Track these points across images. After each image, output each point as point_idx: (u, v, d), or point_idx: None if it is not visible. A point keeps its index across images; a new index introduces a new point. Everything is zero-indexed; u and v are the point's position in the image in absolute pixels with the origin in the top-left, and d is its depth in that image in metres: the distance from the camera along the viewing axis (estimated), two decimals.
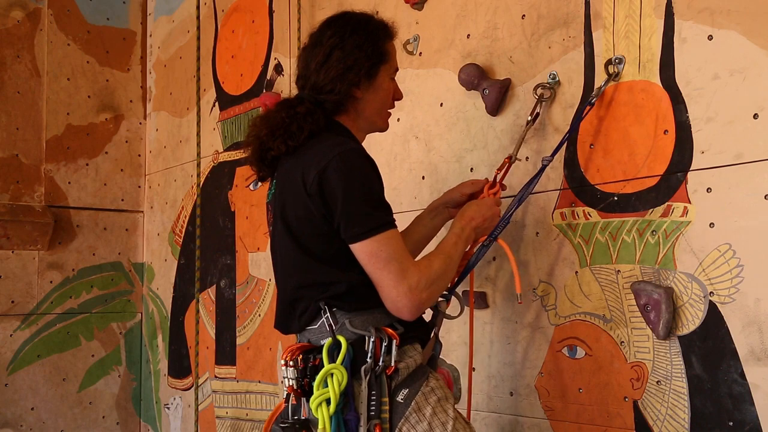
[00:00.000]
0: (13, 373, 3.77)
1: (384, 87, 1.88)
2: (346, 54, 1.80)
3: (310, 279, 1.73)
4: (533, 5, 2.21)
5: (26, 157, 3.87)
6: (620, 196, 1.96)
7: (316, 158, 1.71)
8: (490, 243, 1.98)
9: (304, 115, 1.78)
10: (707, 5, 1.81)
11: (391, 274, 1.65)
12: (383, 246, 1.66)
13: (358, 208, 1.67)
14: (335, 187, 1.67)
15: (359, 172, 1.70)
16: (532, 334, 2.16)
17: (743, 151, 1.73)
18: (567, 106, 2.11)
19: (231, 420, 3.41)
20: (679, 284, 1.83)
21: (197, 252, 3.36)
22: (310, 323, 1.76)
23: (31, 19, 3.93)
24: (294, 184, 1.74)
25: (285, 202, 1.78)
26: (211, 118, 3.64)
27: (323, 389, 1.63)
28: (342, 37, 1.82)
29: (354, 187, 1.67)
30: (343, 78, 1.79)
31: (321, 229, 1.71)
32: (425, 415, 1.68)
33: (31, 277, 3.84)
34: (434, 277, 1.72)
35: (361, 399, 1.65)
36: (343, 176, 1.67)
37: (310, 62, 1.84)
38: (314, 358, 1.68)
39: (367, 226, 1.66)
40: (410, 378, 1.71)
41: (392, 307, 1.68)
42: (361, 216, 1.66)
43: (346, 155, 1.69)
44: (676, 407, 1.83)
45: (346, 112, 1.86)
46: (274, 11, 3.30)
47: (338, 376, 1.63)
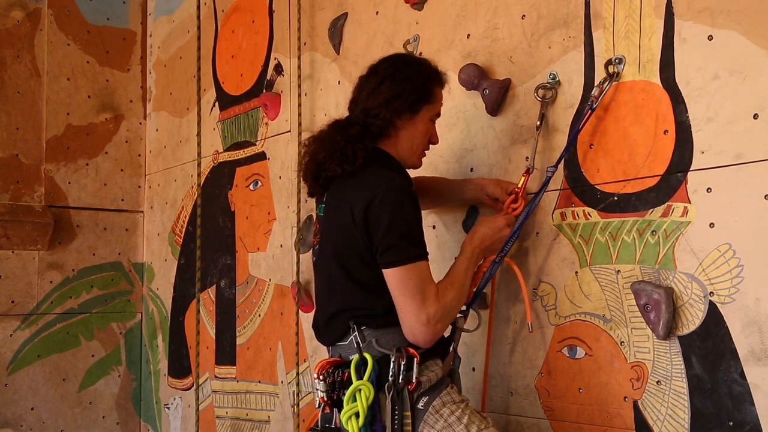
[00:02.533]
0: (13, 373, 3.77)
1: (423, 125, 2.02)
2: (395, 84, 1.96)
3: (349, 300, 1.90)
4: (533, 5, 2.21)
5: (26, 157, 3.87)
6: (620, 196, 1.96)
7: (365, 191, 1.85)
8: (501, 259, 2.07)
9: (356, 137, 1.93)
10: (707, 5, 1.81)
11: (414, 302, 1.80)
12: (412, 275, 1.81)
13: (396, 239, 1.81)
14: (379, 220, 1.81)
15: (401, 209, 1.84)
16: (532, 334, 2.16)
17: (743, 151, 1.73)
18: (567, 107, 2.11)
19: (231, 420, 3.41)
20: (679, 284, 1.83)
21: (197, 252, 3.36)
22: (341, 339, 1.92)
23: (31, 19, 3.93)
24: (343, 212, 1.88)
25: (333, 228, 1.94)
26: (211, 118, 3.64)
27: (352, 404, 1.79)
28: (395, 69, 1.99)
29: (395, 222, 1.81)
30: (388, 104, 1.95)
31: (362, 255, 1.86)
32: (442, 415, 1.83)
33: (31, 277, 3.84)
34: (449, 308, 1.88)
35: (386, 412, 1.81)
36: (387, 211, 1.82)
37: (363, 88, 2.01)
38: (343, 373, 1.85)
39: (400, 256, 1.81)
40: (431, 388, 1.87)
41: (409, 333, 1.83)
42: (398, 247, 1.82)
43: (392, 192, 1.84)
44: (676, 407, 1.83)
45: (388, 138, 1.99)
46: (274, 11, 3.30)
47: (366, 391, 1.79)
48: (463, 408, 1.86)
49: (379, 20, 2.75)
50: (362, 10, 2.83)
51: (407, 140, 2.01)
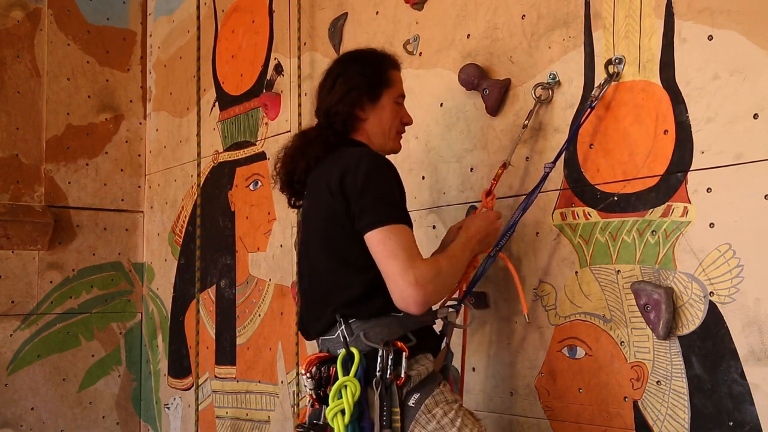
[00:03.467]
0: (13, 373, 3.77)
1: (388, 109, 2.00)
2: (347, 79, 1.97)
3: (333, 282, 1.83)
4: (533, 5, 2.21)
5: (26, 157, 3.87)
6: (620, 196, 1.96)
7: (339, 163, 1.83)
8: (495, 254, 2.04)
9: (315, 137, 1.97)
10: (707, 5, 1.81)
11: (398, 262, 1.71)
12: (393, 236, 1.73)
13: (374, 201, 1.76)
14: (355, 182, 1.77)
15: (379, 172, 1.80)
16: (532, 334, 2.16)
17: (743, 151, 1.73)
18: (567, 107, 2.11)
19: (231, 420, 3.41)
20: (679, 284, 1.83)
21: (197, 252, 3.36)
22: (328, 332, 1.86)
23: (31, 19, 3.93)
24: (319, 189, 1.86)
25: (313, 208, 1.91)
26: (211, 118, 3.64)
27: (338, 400, 1.73)
28: (345, 66, 2.01)
29: (372, 184, 1.77)
30: (345, 98, 1.95)
31: (343, 224, 1.80)
32: (435, 415, 1.75)
33: (31, 277, 3.84)
34: (441, 272, 1.77)
35: (374, 408, 1.74)
36: (362, 173, 1.77)
37: (321, 91, 2.02)
38: (329, 369, 1.79)
39: (379, 216, 1.75)
40: (422, 384, 1.79)
41: (398, 297, 1.73)
42: (376, 208, 1.76)
43: (369, 158, 1.82)
44: (676, 407, 1.83)
45: (356, 132, 1.99)
46: (274, 11, 3.30)
47: (351, 388, 1.72)
48: (456, 409, 1.78)
49: (379, 20, 2.75)
50: (362, 10, 2.83)
51: (376, 127, 2.00)
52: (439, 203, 2.46)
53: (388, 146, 2.03)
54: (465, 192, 2.38)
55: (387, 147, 2.03)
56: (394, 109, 2.02)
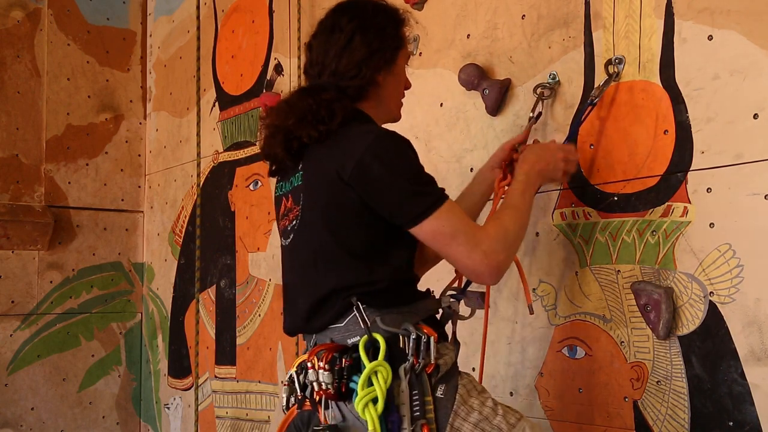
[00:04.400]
0: (13, 373, 3.77)
1: (402, 73, 1.85)
2: (370, 38, 1.74)
3: (343, 277, 1.65)
4: (533, 5, 2.21)
5: (26, 157, 3.87)
6: (620, 196, 1.96)
7: (350, 147, 1.64)
8: None
9: (331, 100, 1.70)
10: (707, 5, 1.81)
11: (461, 246, 1.60)
12: (445, 221, 1.60)
13: (408, 190, 1.61)
14: (380, 175, 1.60)
15: (399, 154, 1.64)
16: (532, 334, 2.16)
17: (743, 151, 1.73)
18: (567, 106, 2.11)
19: (231, 420, 3.41)
20: (679, 284, 1.83)
21: (197, 252, 3.36)
22: (335, 321, 1.66)
23: (31, 19, 3.93)
24: (326, 176, 1.65)
25: (318, 195, 1.69)
26: (211, 118, 3.64)
27: (368, 388, 1.54)
28: (363, 21, 1.76)
29: (399, 172, 1.61)
30: (368, 62, 1.74)
31: (359, 217, 1.64)
32: (473, 406, 1.63)
33: (31, 277, 3.84)
34: (508, 235, 1.65)
35: (402, 400, 1.57)
36: (384, 162, 1.60)
37: (329, 49, 1.75)
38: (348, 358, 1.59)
39: (423, 206, 1.60)
40: (447, 374, 1.65)
41: (472, 276, 1.66)
42: (414, 197, 1.61)
43: (382, 139, 1.64)
44: (676, 407, 1.83)
45: (367, 99, 1.78)
46: (274, 11, 3.30)
47: (383, 373, 1.55)
48: (491, 398, 1.67)
49: None
50: None
51: (390, 93, 1.83)
52: None
53: (393, 113, 1.87)
54: None
55: (392, 114, 1.87)
56: (404, 73, 1.86)
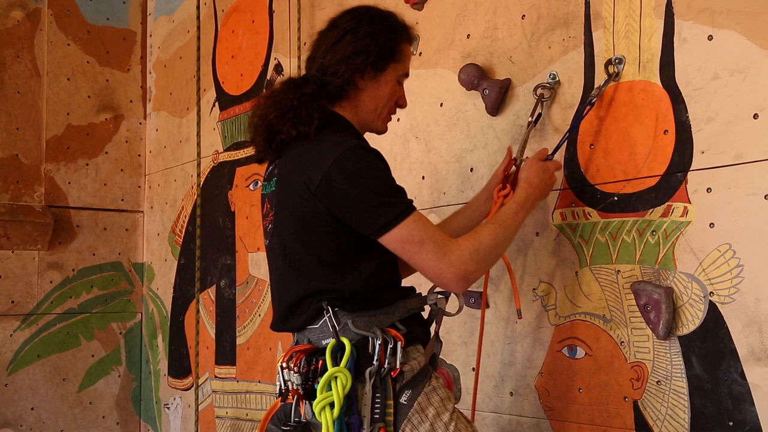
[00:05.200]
0: (13, 373, 3.77)
1: (388, 85, 1.84)
2: (357, 39, 1.78)
3: (316, 284, 1.69)
4: (533, 5, 2.21)
5: (26, 157, 3.87)
6: (620, 196, 1.96)
7: (317, 159, 1.66)
8: None
9: (310, 97, 1.75)
10: (707, 5, 1.81)
11: (429, 254, 1.61)
12: (413, 230, 1.62)
13: (374, 201, 1.63)
14: (345, 188, 1.63)
15: (365, 167, 1.66)
16: (532, 334, 2.16)
17: (743, 151, 1.73)
18: (567, 106, 2.11)
19: (231, 420, 3.41)
20: (679, 284, 1.83)
21: (197, 252, 3.36)
22: (311, 323, 1.72)
23: (31, 19, 3.93)
24: (295, 186, 1.70)
25: (289, 202, 1.73)
26: (211, 118, 3.64)
27: (327, 393, 1.60)
28: (358, 23, 1.80)
29: (364, 185, 1.64)
30: (348, 61, 1.77)
31: (329, 227, 1.67)
32: (428, 416, 1.65)
33: (31, 277, 3.84)
34: (481, 247, 1.66)
35: (365, 402, 1.62)
36: (350, 176, 1.63)
37: (321, 44, 1.83)
38: (316, 361, 1.65)
39: (390, 216, 1.62)
40: (414, 380, 1.68)
41: (439, 282, 1.66)
42: (381, 208, 1.62)
43: (349, 154, 1.65)
44: (676, 407, 1.83)
45: (347, 100, 1.82)
46: (274, 11, 3.30)
47: (342, 379, 1.60)
48: (451, 411, 1.69)
49: None
50: None
51: (371, 102, 1.82)
52: (439, 203, 2.46)
53: (375, 125, 1.87)
54: (465, 192, 2.38)
55: (373, 126, 1.87)
56: (394, 88, 1.85)
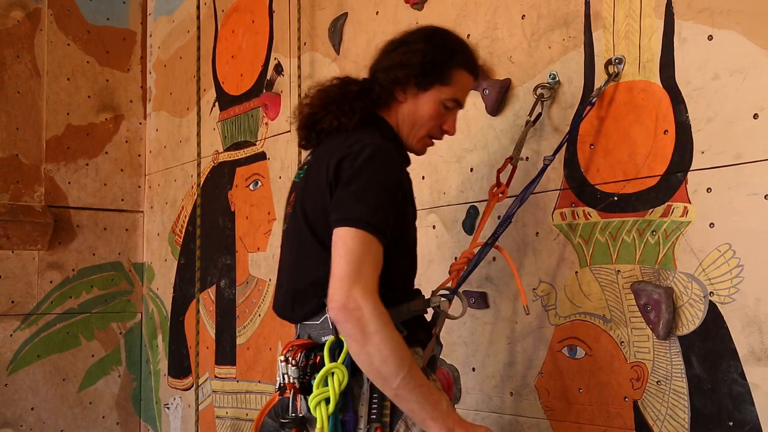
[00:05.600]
0: (13, 373, 3.77)
1: (429, 106, 1.79)
2: (406, 52, 1.77)
3: (320, 272, 1.64)
4: (533, 5, 2.21)
5: (26, 157, 3.87)
6: (620, 196, 1.96)
7: (342, 147, 1.65)
8: (491, 245, 1.96)
9: (355, 94, 1.77)
10: (707, 5, 1.81)
11: (347, 265, 1.51)
12: (356, 242, 1.53)
13: (357, 195, 1.57)
14: (345, 173, 1.60)
15: (373, 165, 1.60)
16: (532, 334, 2.16)
17: (743, 151, 1.73)
18: (567, 106, 2.11)
19: (231, 420, 3.41)
20: (679, 284, 1.83)
21: (197, 252, 3.36)
22: (312, 317, 1.71)
23: (31, 19, 3.93)
24: (319, 173, 1.68)
25: (309, 187, 1.73)
26: (211, 118, 3.64)
27: (323, 388, 1.59)
28: (416, 38, 1.80)
29: (357, 178, 1.59)
30: (390, 71, 1.77)
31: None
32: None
33: (31, 277, 3.84)
34: (378, 329, 1.50)
35: (362, 401, 1.61)
36: (355, 164, 1.59)
37: (382, 50, 1.84)
38: (315, 356, 1.64)
39: (356, 214, 1.54)
40: None
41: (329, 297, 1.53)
42: (357, 203, 1.56)
43: (368, 149, 1.61)
44: (676, 407, 1.83)
45: (389, 110, 1.81)
46: (274, 11, 3.30)
47: (339, 375, 1.58)
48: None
49: (379, 20, 2.75)
50: (362, 10, 2.83)
51: (409, 117, 1.80)
52: (439, 203, 2.46)
53: (409, 143, 1.83)
54: (465, 192, 2.38)
55: (408, 143, 1.83)
56: (437, 110, 1.80)
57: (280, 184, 3.20)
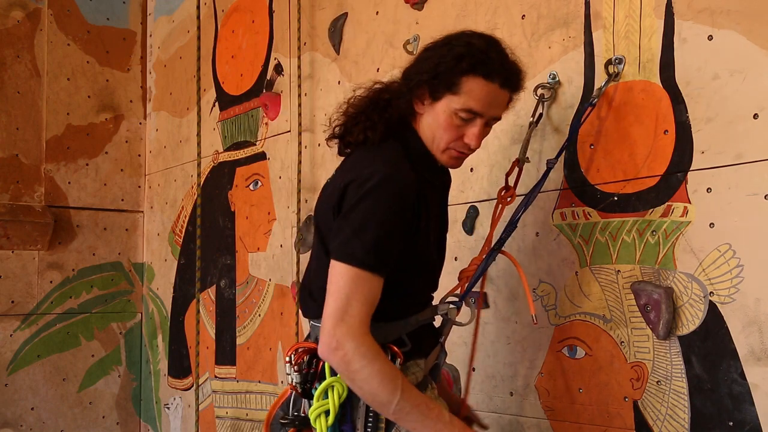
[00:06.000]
0: (13, 373, 3.77)
1: (442, 116, 1.67)
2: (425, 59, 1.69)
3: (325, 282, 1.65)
4: (533, 5, 2.21)
5: (26, 157, 3.87)
6: (620, 196, 1.96)
7: (357, 168, 1.63)
8: (497, 251, 1.96)
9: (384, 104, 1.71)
10: (707, 5, 1.81)
11: (334, 303, 1.55)
12: (346, 279, 1.55)
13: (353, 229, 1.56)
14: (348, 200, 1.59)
15: (377, 195, 1.57)
16: (532, 334, 2.16)
17: (743, 151, 1.73)
18: (567, 107, 2.11)
19: (231, 420, 3.41)
20: (679, 284, 1.83)
21: (197, 252, 3.36)
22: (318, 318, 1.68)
23: (31, 19, 3.93)
24: (333, 191, 1.68)
25: (320, 203, 1.74)
26: (211, 118, 3.64)
27: (323, 400, 1.62)
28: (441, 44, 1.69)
29: (358, 210, 1.57)
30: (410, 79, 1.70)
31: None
32: None
33: (31, 277, 3.84)
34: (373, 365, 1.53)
35: (359, 414, 1.63)
36: (359, 192, 1.57)
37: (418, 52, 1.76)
38: (317, 364, 1.67)
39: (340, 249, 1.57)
40: None
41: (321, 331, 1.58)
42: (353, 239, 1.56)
43: (376, 174, 1.58)
44: (676, 407, 1.83)
45: (414, 119, 1.74)
46: (274, 11, 3.30)
47: (339, 389, 1.61)
48: None
49: (379, 20, 2.75)
50: (362, 10, 2.83)
51: (428, 129, 1.70)
52: None
53: (436, 155, 1.73)
54: (465, 192, 2.38)
55: (434, 153, 1.73)
56: (449, 122, 1.67)
57: (280, 184, 3.20)
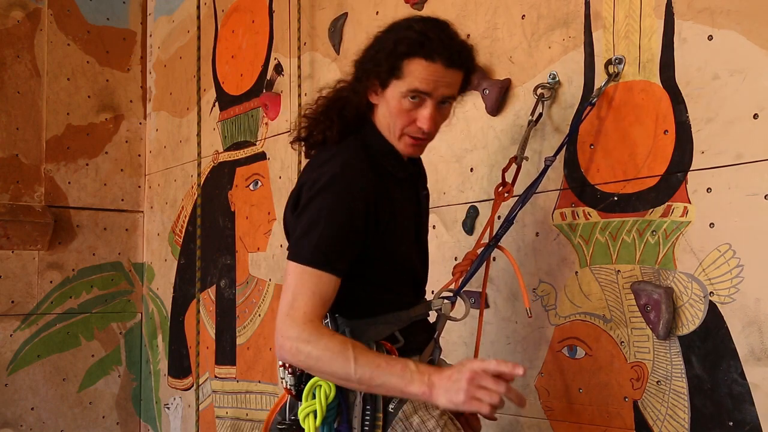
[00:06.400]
0: (13, 373, 3.77)
1: (392, 102, 1.63)
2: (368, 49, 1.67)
3: None
4: (533, 5, 2.21)
5: (26, 157, 3.87)
6: (620, 196, 1.96)
7: (312, 168, 1.66)
8: (494, 245, 1.95)
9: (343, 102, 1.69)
10: (707, 5, 1.81)
11: (283, 301, 1.57)
12: (293, 277, 1.56)
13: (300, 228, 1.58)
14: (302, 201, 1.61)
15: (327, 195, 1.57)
16: (532, 334, 2.16)
17: (743, 151, 1.73)
18: (567, 106, 2.11)
19: (231, 420, 3.41)
20: (679, 284, 1.83)
21: (197, 252, 3.36)
22: None
23: (31, 19, 3.93)
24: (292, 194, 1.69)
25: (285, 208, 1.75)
26: (211, 118, 3.64)
27: (311, 401, 1.60)
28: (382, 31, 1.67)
29: (305, 212, 1.58)
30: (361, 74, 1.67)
31: None
32: (412, 424, 1.63)
33: (31, 277, 3.84)
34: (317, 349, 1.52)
35: (355, 413, 1.62)
36: (309, 193, 1.59)
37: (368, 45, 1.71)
38: None
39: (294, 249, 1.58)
40: None
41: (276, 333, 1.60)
42: (298, 237, 1.58)
43: (325, 174, 1.58)
44: (676, 407, 1.83)
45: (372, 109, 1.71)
46: (274, 11, 3.30)
47: (326, 388, 1.59)
48: (437, 417, 1.63)
49: (379, 20, 2.74)
50: (362, 10, 2.83)
51: (383, 118, 1.67)
52: (439, 203, 2.46)
53: (394, 145, 1.69)
54: (465, 192, 2.38)
55: (394, 145, 1.69)
56: (399, 107, 1.62)
57: (280, 184, 3.20)
